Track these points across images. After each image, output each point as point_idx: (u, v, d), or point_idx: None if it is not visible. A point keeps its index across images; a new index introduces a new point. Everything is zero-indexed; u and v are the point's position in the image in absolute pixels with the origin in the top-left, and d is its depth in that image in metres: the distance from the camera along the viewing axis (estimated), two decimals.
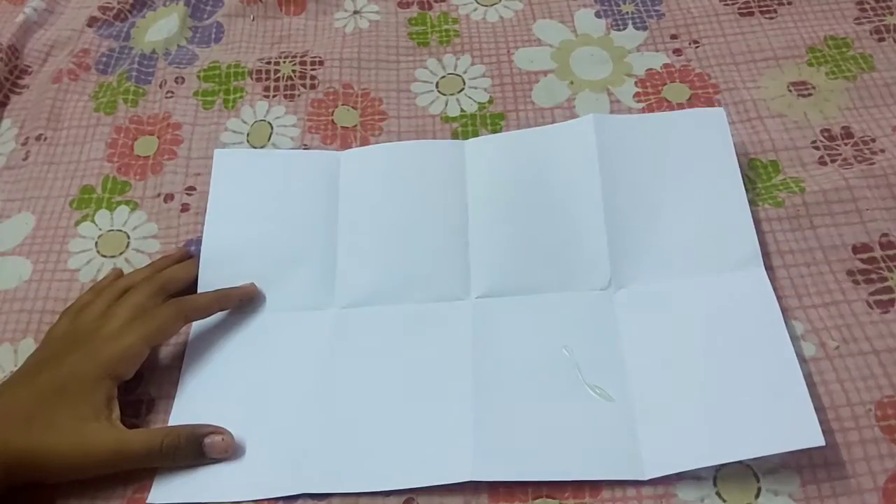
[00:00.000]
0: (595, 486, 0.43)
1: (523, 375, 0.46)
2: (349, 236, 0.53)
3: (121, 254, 0.55)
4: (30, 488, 0.43)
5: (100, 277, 0.53)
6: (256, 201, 0.55)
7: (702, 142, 0.54)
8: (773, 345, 0.45)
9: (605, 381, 0.46)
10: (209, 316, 0.50)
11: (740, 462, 0.43)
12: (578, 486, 0.43)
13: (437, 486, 0.43)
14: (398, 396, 0.46)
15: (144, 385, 0.48)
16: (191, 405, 0.47)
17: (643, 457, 0.43)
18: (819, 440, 0.41)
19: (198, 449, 0.44)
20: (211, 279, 0.52)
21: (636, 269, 0.50)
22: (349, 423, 0.46)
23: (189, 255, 0.53)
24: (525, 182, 0.54)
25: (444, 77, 0.63)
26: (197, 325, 0.50)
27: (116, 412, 0.44)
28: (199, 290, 0.51)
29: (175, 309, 0.48)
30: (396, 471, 0.44)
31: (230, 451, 0.44)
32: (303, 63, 0.64)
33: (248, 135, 0.60)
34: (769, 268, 0.49)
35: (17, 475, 0.42)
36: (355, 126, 0.60)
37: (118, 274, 0.53)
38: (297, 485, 0.44)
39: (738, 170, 0.53)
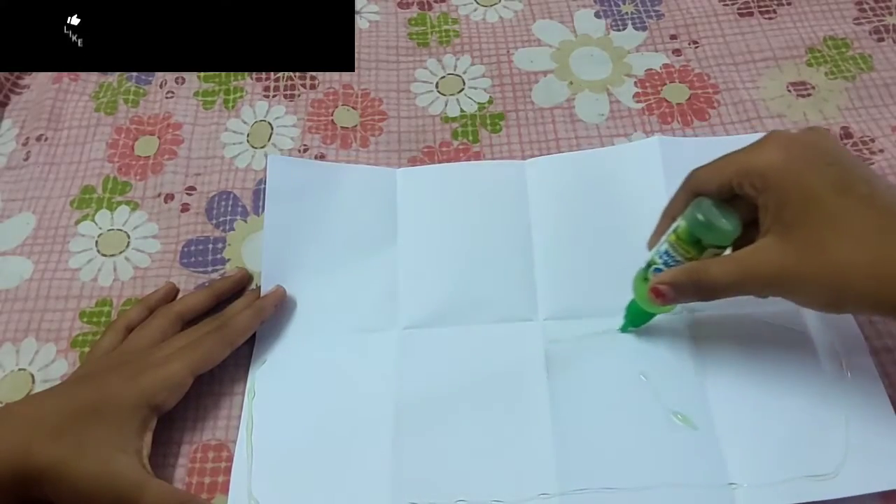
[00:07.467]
0: None
1: (602, 400, 0.46)
2: (409, 256, 0.52)
3: (121, 253, 0.55)
4: None
5: (100, 277, 0.54)
6: (313, 215, 0.54)
7: None
8: (862, 376, 0.45)
9: (685, 407, 0.45)
10: (252, 333, 0.49)
11: None
12: None
13: None
14: (473, 417, 0.46)
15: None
16: (263, 433, 0.46)
17: (735, 493, 0.42)
18: None
19: None
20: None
21: None
22: (425, 446, 0.45)
23: (247, 277, 0.53)
24: (589, 203, 0.54)
25: (443, 77, 0.63)
26: (256, 354, 0.50)
27: (147, 449, 0.43)
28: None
29: (219, 337, 0.47)
30: (476, 488, 0.43)
31: None
32: None
33: (248, 135, 0.60)
34: None
35: (31, 489, 0.40)
36: (355, 126, 0.60)
37: (171, 290, 0.52)
38: None
39: None
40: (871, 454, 0.42)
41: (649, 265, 0.44)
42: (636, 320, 0.47)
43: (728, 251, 0.42)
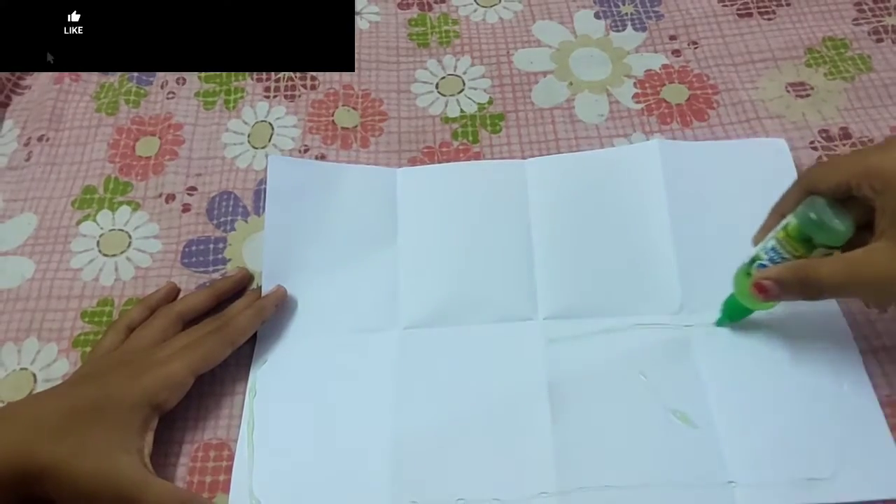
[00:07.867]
0: None
1: (601, 399, 0.46)
2: (410, 256, 0.53)
3: (122, 253, 0.55)
4: None
5: (101, 277, 0.54)
6: (314, 215, 0.54)
7: (765, 172, 0.54)
8: (855, 386, 0.45)
9: (685, 406, 0.45)
10: (253, 333, 0.49)
11: None
12: None
13: None
14: (474, 416, 0.46)
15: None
16: (264, 432, 0.46)
17: (734, 491, 0.42)
18: None
19: None
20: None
21: (707, 295, 0.48)
22: (425, 445, 0.45)
23: (248, 277, 0.53)
24: (589, 204, 0.54)
25: (444, 78, 0.64)
26: (257, 354, 0.50)
27: (148, 448, 0.43)
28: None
29: (220, 337, 0.47)
30: (476, 487, 0.43)
31: None
32: None
33: (248, 135, 0.61)
34: None
35: (33, 488, 0.41)
36: (356, 127, 0.61)
37: (172, 290, 0.52)
38: None
39: None
40: (863, 464, 0.43)
41: (753, 260, 0.44)
42: (734, 315, 0.47)
43: (837, 253, 0.41)
